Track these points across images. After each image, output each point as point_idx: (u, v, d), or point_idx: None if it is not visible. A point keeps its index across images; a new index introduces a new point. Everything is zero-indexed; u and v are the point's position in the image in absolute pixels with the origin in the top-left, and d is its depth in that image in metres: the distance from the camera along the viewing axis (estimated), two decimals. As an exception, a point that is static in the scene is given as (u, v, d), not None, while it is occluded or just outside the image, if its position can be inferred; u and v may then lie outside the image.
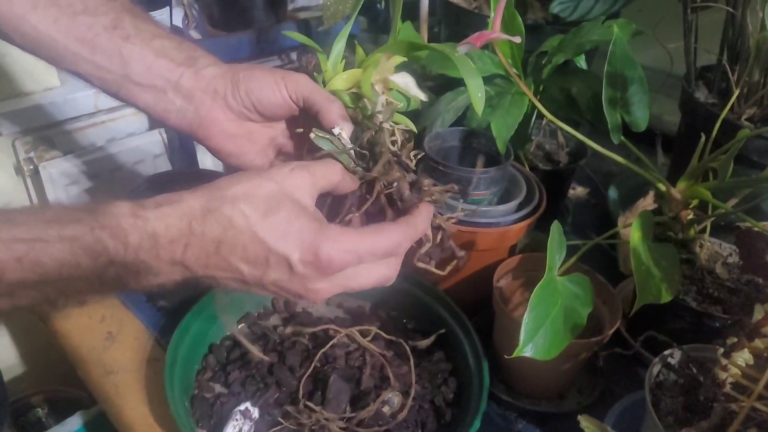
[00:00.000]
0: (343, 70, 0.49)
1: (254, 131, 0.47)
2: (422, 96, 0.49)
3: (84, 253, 0.32)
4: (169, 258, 0.35)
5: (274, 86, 0.44)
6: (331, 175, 0.39)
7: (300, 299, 0.40)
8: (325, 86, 0.48)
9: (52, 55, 0.45)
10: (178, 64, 0.45)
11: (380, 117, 0.44)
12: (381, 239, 0.37)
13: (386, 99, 0.46)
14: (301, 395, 0.52)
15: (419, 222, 0.40)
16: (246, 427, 0.50)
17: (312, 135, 0.43)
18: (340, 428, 0.51)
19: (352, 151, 0.43)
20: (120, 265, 0.34)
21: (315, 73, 0.50)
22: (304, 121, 0.46)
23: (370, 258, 0.37)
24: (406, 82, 0.48)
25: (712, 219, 0.59)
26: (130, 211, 0.34)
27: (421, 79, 0.63)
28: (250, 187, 0.36)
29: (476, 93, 0.44)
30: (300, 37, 0.53)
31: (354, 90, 0.48)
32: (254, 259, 0.36)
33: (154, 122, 0.94)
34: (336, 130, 0.43)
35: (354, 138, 0.44)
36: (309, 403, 0.51)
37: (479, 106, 0.44)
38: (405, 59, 0.49)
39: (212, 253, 0.35)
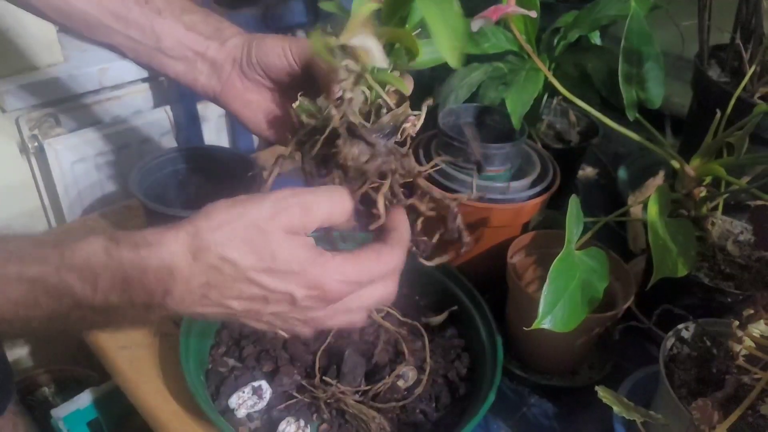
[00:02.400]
0: None
1: (267, 99, 0.48)
2: (382, 62, 0.41)
3: (46, 295, 0.30)
4: (145, 302, 0.32)
5: (281, 51, 0.45)
6: (334, 214, 0.36)
7: (299, 328, 0.37)
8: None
9: (84, 27, 0.47)
10: (206, 37, 0.47)
11: (342, 86, 0.40)
12: (380, 265, 0.36)
13: (349, 64, 0.40)
14: (317, 369, 0.52)
15: (404, 233, 0.39)
16: (251, 402, 0.51)
17: (294, 104, 0.42)
18: (355, 401, 0.51)
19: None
20: (87, 308, 0.31)
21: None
22: (312, 89, 0.45)
23: (370, 283, 0.37)
24: (365, 45, 0.41)
25: (725, 196, 0.59)
26: (103, 250, 0.31)
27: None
28: (237, 227, 0.33)
29: (439, 29, 0.35)
30: (332, 6, 0.51)
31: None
32: (251, 298, 0.34)
33: (160, 100, 0.93)
34: (320, 99, 0.41)
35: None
36: (325, 377, 0.52)
37: (446, 47, 0.35)
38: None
39: (199, 297, 0.33)
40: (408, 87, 0.42)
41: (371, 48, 0.39)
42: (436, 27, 0.36)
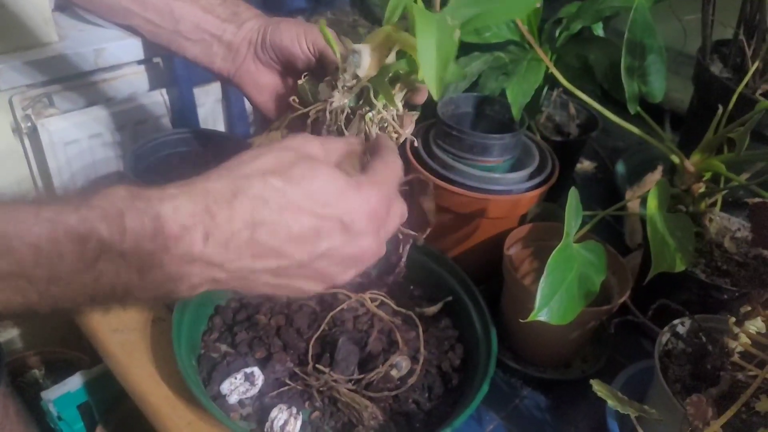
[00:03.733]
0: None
1: (279, 83, 0.49)
2: (361, 72, 0.41)
3: (67, 238, 0.26)
4: (184, 251, 0.28)
5: (295, 37, 0.46)
6: (341, 145, 0.37)
7: (348, 270, 0.34)
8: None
9: (104, 9, 0.48)
10: (223, 20, 0.47)
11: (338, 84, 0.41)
12: (393, 169, 0.36)
13: (348, 67, 0.40)
14: (310, 356, 0.52)
15: (393, 146, 0.39)
16: (243, 388, 0.50)
17: (300, 81, 0.44)
18: (348, 390, 0.51)
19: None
20: (116, 255, 0.27)
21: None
22: (322, 76, 0.46)
23: (395, 196, 0.36)
24: (359, 51, 0.41)
25: (724, 192, 0.59)
26: (127, 192, 0.28)
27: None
28: (273, 158, 0.32)
29: (427, 58, 0.32)
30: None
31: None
32: (301, 235, 0.31)
33: (156, 83, 0.92)
34: (323, 84, 0.42)
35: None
36: (318, 365, 0.51)
37: (431, 77, 0.32)
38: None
39: (247, 242, 0.29)
40: (399, 105, 0.42)
41: (363, 57, 0.39)
42: (425, 47, 0.32)
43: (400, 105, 0.42)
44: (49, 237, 0.26)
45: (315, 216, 0.31)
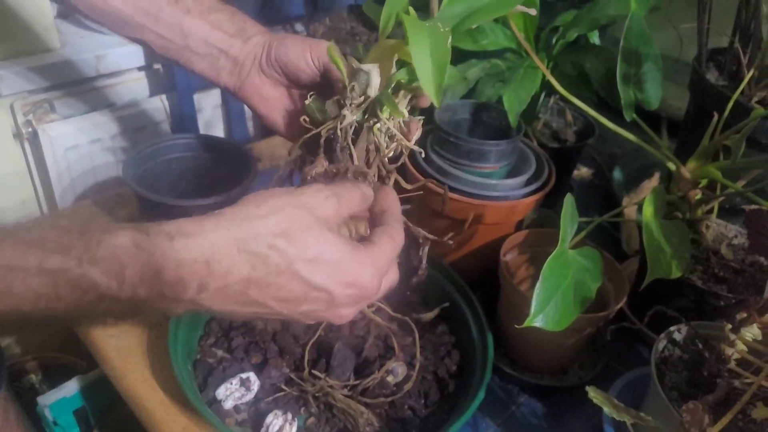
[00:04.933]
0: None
1: (284, 96, 0.50)
2: (371, 92, 0.41)
3: (68, 288, 0.28)
4: (175, 296, 0.31)
5: (300, 52, 0.47)
6: (355, 203, 0.37)
7: (321, 322, 0.38)
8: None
9: (118, 24, 0.49)
10: (230, 35, 0.49)
11: (347, 103, 0.42)
12: (395, 246, 0.37)
13: (356, 86, 0.41)
14: (306, 362, 0.52)
15: (398, 210, 0.40)
16: (239, 394, 0.50)
17: (306, 101, 0.44)
18: (344, 396, 0.51)
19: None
20: (113, 301, 0.30)
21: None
22: (327, 91, 0.46)
23: (391, 263, 0.37)
24: (368, 72, 0.41)
25: (720, 199, 0.59)
26: (132, 242, 0.30)
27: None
28: (287, 218, 0.33)
29: (423, 65, 0.33)
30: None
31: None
32: (289, 297, 0.33)
33: (156, 89, 0.92)
34: (329, 102, 0.43)
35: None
36: (314, 371, 0.51)
37: (428, 84, 0.33)
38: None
39: (236, 294, 0.32)
40: (404, 113, 0.43)
41: (372, 77, 0.41)
42: (420, 56, 0.33)
43: (405, 112, 0.43)
44: (50, 286, 0.28)
45: (307, 285, 0.33)
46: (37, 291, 0.28)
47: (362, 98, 0.41)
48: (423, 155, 0.61)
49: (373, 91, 0.41)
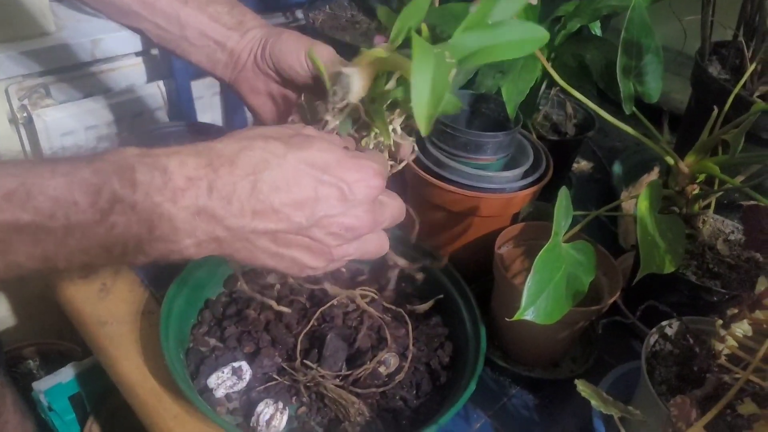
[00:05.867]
0: None
1: (276, 93, 0.50)
2: (354, 97, 0.40)
3: (82, 189, 0.28)
4: (190, 202, 0.30)
5: (295, 52, 0.46)
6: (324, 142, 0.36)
7: (344, 243, 0.35)
8: None
9: (115, 12, 0.49)
10: (228, 28, 0.49)
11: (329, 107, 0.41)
12: (381, 157, 0.39)
13: (337, 90, 0.40)
14: (298, 352, 0.52)
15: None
16: (230, 382, 0.50)
17: (298, 101, 0.45)
18: (335, 386, 0.51)
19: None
20: (127, 207, 0.29)
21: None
22: (321, 93, 0.46)
23: (384, 177, 0.37)
24: (349, 75, 0.40)
25: (718, 194, 0.58)
26: (138, 149, 0.31)
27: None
28: (276, 130, 0.34)
29: (420, 93, 0.31)
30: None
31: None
32: (300, 197, 0.32)
33: (153, 75, 0.92)
34: (319, 103, 0.43)
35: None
36: (306, 361, 0.51)
37: (420, 114, 0.32)
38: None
39: (248, 194, 0.31)
40: (401, 144, 0.43)
41: (353, 82, 0.39)
42: (419, 83, 0.32)
43: (399, 129, 0.42)
44: (65, 188, 0.28)
45: (314, 179, 0.32)
46: (54, 196, 0.27)
47: (344, 103, 0.40)
48: (417, 147, 0.61)
49: (353, 96, 0.39)
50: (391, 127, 0.41)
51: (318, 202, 0.33)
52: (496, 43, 0.38)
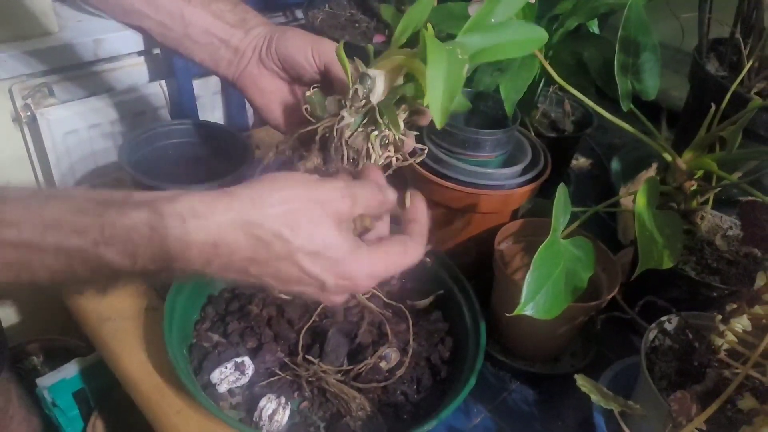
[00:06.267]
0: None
1: (282, 89, 0.50)
2: (376, 98, 0.41)
3: (83, 266, 0.30)
4: (184, 268, 0.33)
5: (301, 48, 0.47)
6: (373, 207, 0.38)
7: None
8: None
9: (118, 11, 0.49)
10: (231, 25, 0.49)
11: (347, 103, 0.42)
12: (406, 259, 0.38)
13: (359, 89, 0.41)
14: (300, 347, 0.53)
15: (425, 224, 0.41)
16: (233, 378, 0.51)
17: (308, 92, 0.44)
18: (337, 380, 0.51)
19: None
20: (124, 274, 0.32)
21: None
22: (327, 88, 0.47)
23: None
24: (373, 78, 0.41)
25: (717, 190, 0.59)
26: (146, 224, 0.31)
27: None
28: (296, 210, 0.34)
29: (435, 88, 0.33)
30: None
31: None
32: (286, 278, 0.35)
33: (155, 74, 0.92)
34: (330, 98, 0.44)
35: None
36: (308, 356, 0.52)
37: (436, 108, 0.33)
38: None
39: (238, 269, 0.34)
40: (406, 139, 0.43)
41: (378, 84, 0.41)
42: (434, 78, 0.33)
43: (402, 126, 0.43)
44: (66, 264, 0.30)
45: (303, 273, 0.35)
46: (53, 268, 0.30)
47: (363, 102, 0.41)
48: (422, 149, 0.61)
49: (376, 98, 0.41)
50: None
51: (298, 285, 0.36)
52: (498, 42, 0.39)
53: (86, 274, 0.31)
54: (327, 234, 0.34)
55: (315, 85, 0.45)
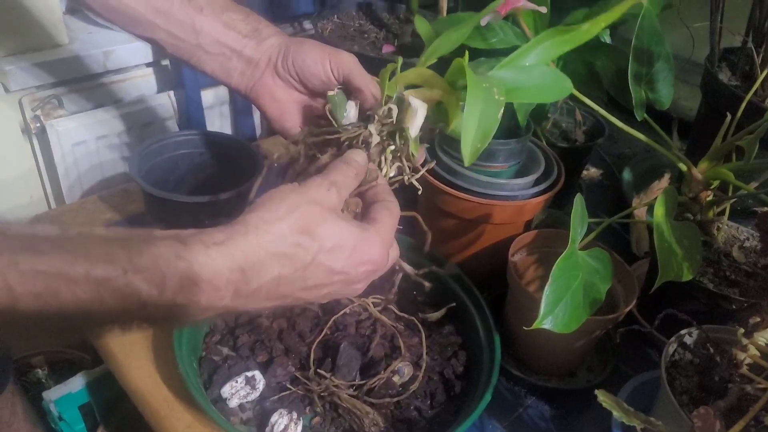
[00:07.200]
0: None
1: (297, 101, 0.50)
2: (413, 131, 0.44)
3: (112, 296, 0.30)
4: (210, 304, 0.32)
5: (319, 60, 0.47)
6: (351, 183, 0.40)
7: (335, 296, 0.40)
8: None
9: (129, 22, 0.49)
10: (243, 35, 0.49)
11: (376, 118, 0.43)
12: (394, 218, 0.40)
13: (392, 110, 0.43)
14: (312, 361, 0.52)
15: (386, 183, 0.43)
16: (244, 392, 0.50)
17: (330, 92, 0.45)
18: (349, 395, 0.50)
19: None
20: (153, 307, 0.31)
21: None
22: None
23: (393, 237, 0.40)
24: (416, 108, 0.43)
25: (732, 201, 0.58)
26: (172, 252, 0.31)
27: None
28: (303, 215, 0.35)
29: (469, 129, 0.37)
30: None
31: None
32: (314, 285, 0.36)
33: (164, 85, 0.92)
34: (352, 102, 0.45)
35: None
36: (319, 370, 0.51)
37: (467, 148, 0.37)
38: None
39: (267, 292, 0.34)
40: (417, 147, 0.45)
41: (419, 115, 0.42)
42: (470, 121, 0.37)
43: (418, 145, 0.45)
44: (95, 293, 0.29)
45: (330, 272, 0.36)
46: (81, 297, 0.29)
47: (391, 121, 0.42)
48: (429, 155, 0.61)
49: (415, 130, 0.43)
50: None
51: (325, 287, 0.37)
52: (529, 85, 0.43)
53: (114, 304, 0.30)
54: (335, 227, 0.36)
55: (339, 86, 0.46)
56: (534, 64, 0.43)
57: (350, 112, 0.45)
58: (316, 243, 0.35)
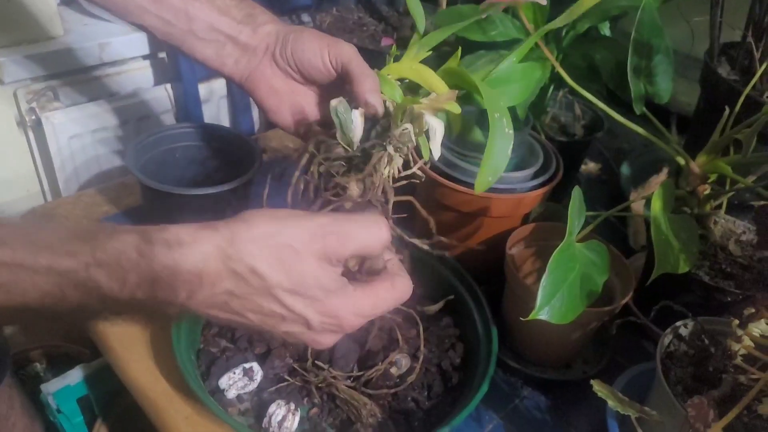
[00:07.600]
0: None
1: (295, 91, 0.49)
2: (435, 152, 0.44)
3: (74, 289, 0.30)
4: (168, 300, 0.32)
5: (317, 50, 0.46)
6: (372, 247, 0.36)
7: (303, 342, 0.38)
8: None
9: (119, 8, 0.48)
10: (238, 21, 0.48)
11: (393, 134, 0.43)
12: (395, 294, 0.37)
13: (404, 129, 0.43)
14: (309, 353, 0.52)
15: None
16: (242, 383, 0.50)
17: (332, 102, 0.44)
18: (347, 387, 0.51)
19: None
20: (113, 301, 0.32)
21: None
22: (341, 90, 0.46)
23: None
24: (435, 128, 0.43)
25: (730, 195, 0.58)
26: (135, 248, 0.31)
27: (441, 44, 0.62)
28: (276, 246, 0.33)
29: (496, 158, 0.42)
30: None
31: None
32: (269, 314, 0.34)
33: (161, 78, 0.92)
34: (357, 112, 0.44)
35: (365, 133, 0.45)
36: (317, 362, 0.51)
37: (483, 179, 0.42)
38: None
39: (220, 302, 0.34)
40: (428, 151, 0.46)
41: (438, 134, 0.43)
42: (489, 158, 0.42)
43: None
44: (56, 285, 0.30)
45: (285, 309, 0.34)
46: (44, 289, 0.30)
47: (410, 144, 0.42)
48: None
49: (437, 151, 0.44)
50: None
51: (282, 323, 0.35)
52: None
53: (76, 297, 0.31)
54: (306, 271, 0.33)
55: (341, 98, 0.44)
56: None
57: (356, 121, 0.43)
58: (276, 277, 0.33)
